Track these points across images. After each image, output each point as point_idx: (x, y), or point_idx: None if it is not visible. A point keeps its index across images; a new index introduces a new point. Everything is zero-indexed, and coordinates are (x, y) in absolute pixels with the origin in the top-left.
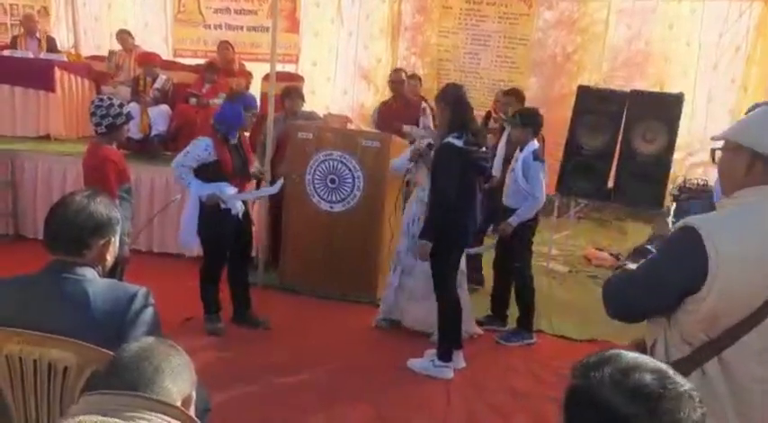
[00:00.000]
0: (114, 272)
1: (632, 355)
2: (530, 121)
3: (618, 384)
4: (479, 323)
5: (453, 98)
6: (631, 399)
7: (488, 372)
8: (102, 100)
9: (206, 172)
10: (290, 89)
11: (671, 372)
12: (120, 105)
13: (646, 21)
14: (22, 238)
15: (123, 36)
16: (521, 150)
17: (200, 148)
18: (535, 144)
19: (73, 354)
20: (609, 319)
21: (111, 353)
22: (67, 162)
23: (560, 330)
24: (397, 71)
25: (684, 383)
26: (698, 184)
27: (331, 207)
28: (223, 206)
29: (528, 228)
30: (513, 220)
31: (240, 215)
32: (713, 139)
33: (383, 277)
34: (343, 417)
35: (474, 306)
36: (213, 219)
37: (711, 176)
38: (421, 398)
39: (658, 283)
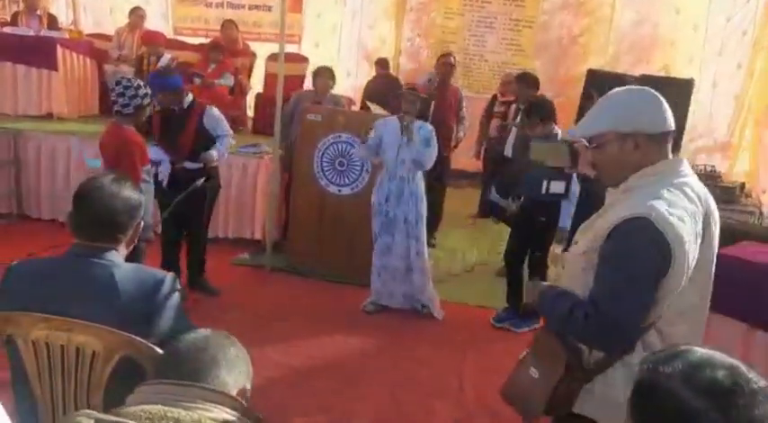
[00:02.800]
0: (136, 255)
1: (704, 351)
2: (546, 114)
3: (689, 379)
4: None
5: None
6: (703, 394)
7: (499, 358)
8: (129, 81)
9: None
10: (321, 69)
11: (744, 368)
12: (145, 86)
13: (653, 4)
14: (25, 218)
15: (139, 13)
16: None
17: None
18: (557, 129)
19: (100, 339)
20: None
21: (139, 339)
22: (71, 141)
23: None
24: (446, 55)
25: (759, 381)
26: (705, 170)
27: (339, 190)
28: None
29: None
30: (562, 224)
31: (165, 183)
32: (577, 137)
33: None
34: (358, 400)
35: (488, 292)
36: None
37: (716, 161)
38: (433, 383)
39: (643, 287)
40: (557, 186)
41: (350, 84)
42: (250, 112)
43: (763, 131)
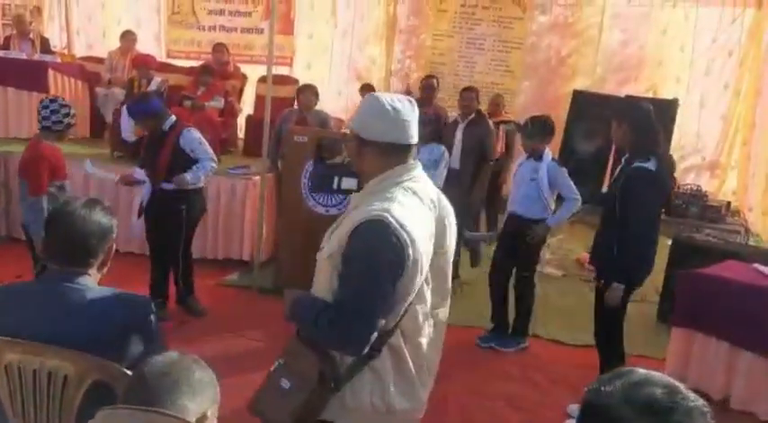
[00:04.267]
0: None
1: (644, 371)
2: (545, 129)
3: (628, 398)
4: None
5: (637, 121)
6: (642, 412)
7: (485, 378)
8: (61, 102)
9: None
10: (304, 86)
11: (682, 387)
12: (71, 108)
13: (640, 25)
14: (14, 240)
15: (130, 37)
16: (536, 159)
17: None
18: (549, 151)
19: (72, 363)
20: None
21: (111, 363)
22: None
23: (555, 335)
24: (428, 78)
25: (695, 399)
26: (691, 190)
27: (326, 210)
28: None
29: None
30: (552, 222)
31: (145, 203)
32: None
33: None
34: None
35: (474, 312)
36: None
37: (703, 181)
38: None
39: (381, 287)
40: (348, 182)
41: (341, 104)
42: (241, 134)
43: (751, 150)
